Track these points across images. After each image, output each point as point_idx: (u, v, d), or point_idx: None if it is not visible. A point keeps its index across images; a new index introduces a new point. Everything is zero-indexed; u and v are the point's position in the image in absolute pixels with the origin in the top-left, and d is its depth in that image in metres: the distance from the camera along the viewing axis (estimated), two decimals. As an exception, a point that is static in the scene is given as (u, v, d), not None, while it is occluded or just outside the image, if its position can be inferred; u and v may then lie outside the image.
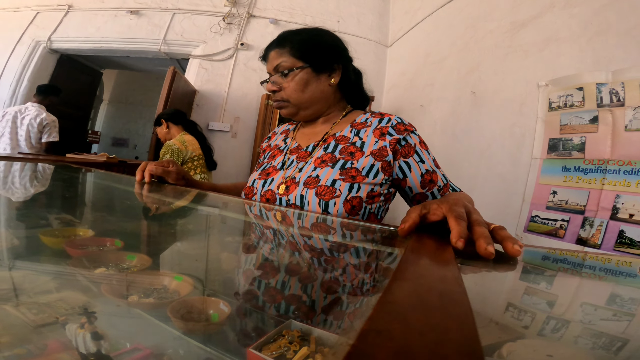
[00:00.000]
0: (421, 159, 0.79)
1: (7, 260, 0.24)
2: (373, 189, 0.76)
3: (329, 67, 0.83)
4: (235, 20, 3.85)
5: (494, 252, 0.36)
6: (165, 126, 2.34)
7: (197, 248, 0.39)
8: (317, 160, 0.79)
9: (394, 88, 3.82)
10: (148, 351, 0.17)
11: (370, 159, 0.76)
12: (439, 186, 0.80)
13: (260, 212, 0.69)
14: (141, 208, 0.66)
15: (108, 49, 3.91)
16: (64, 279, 0.23)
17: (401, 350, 0.12)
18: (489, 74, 2.24)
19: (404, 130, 0.79)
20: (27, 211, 0.45)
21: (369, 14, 4.14)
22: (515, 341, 0.20)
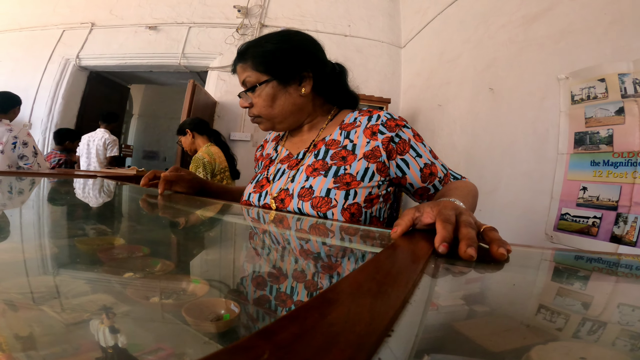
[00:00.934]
0: (418, 154, 0.76)
1: (48, 266, 0.27)
2: (370, 192, 0.73)
3: (296, 76, 0.77)
4: (249, 31, 3.94)
5: (474, 255, 0.35)
6: (191, 136, 2.36)
7: (215, 254, 0.41)
8: (309, 169, 0.76)
9: (411, 89, 3.78)
10: (170, 350, 0.19)
11: (364, 162, 0.73)
12: (439, 178, 0.78)
13: (268, 219, 0.70)
14: (166, 218, 0.69)
15: (132, 65, 4.08)
16: (97, 283, 0.24)
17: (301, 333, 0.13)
18: (506, 69, 2.19)
19: (395, 126, 0.76)
20: (66, 222, 0.48)
21: (379, 15, 4.13)
22: (547, 344, 0.19)
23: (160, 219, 0.67)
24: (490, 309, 0.27)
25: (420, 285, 0.25)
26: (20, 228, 0.41)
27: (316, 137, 0.83)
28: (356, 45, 4.05)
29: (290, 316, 0.15)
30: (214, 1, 4.00)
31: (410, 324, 0.19)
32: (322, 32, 4.03)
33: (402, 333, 0.17)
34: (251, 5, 3.95)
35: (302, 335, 0.13)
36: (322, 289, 0.28)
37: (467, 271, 0.34)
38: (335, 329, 0.14)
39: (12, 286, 0.22)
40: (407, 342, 0.17)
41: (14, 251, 0.30)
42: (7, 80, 3.79)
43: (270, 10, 4.01)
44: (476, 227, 0.41)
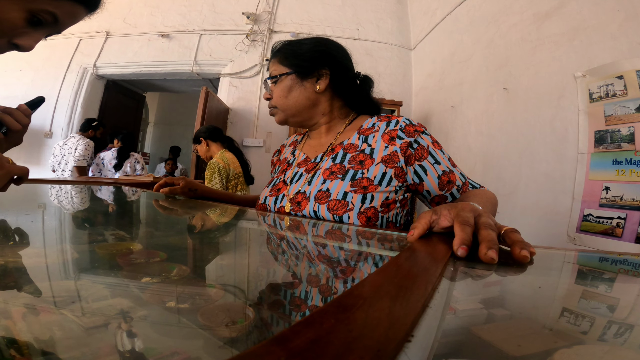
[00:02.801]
0: (436, 160, 0.76)
1: (69, 271, 0.27)
2: (388, 197, 0.72)
3: (314, 72, 0.81)
4: (258, 37, 3.99)
5: (495, 258, 0.34)
6: (205, 144, 2.42)
7: (230, 258, 0.41)
8: (326, 172, 0.77)
9: (423, 91, 3.75)
10: (185, 355, 0.19)
11: (382, 167, 0.73)
12: (457, 186, 0.76)
13: (284, 224, 0.70)
14: (183, 224, 0.70)
15: (147, 73, 4.16)
16: (116, 288, 0.25)
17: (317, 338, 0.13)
18: (520, 68, 2.15)
19: (413, 132, 0.76)
20: (86, 228, 0.50)
21: (388, 18, 4.12)
22: (571, 347, 0.19)
23: (176, 224, 0.68)
24: (511, 313, 0.26)
25: (439, 289, 0.24)
26: (43, 233, 0.43)
27: (334, 141, 0.84)
28: (365, 48, 4.05)
29: (306, 321, 0.15)
30: (223, 8, 4.06)
31: (430, 328, 0.19)
32: (330, 36, 4.04)
33: (422, 338, 0.17)
34: (260, 12, 4.00)
35: (318, 341, 0.13)
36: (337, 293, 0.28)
37: (488, 274, 0.34)
38: (353, 335, 0.14)
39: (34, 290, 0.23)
40: (426, 347, 0.17)
41: (35, 256, 0.31)
42: (27, 90, 3.91)
43: (278, 16, 4.06)
44: (496, 229, 0.40)
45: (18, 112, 0.66)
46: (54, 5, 0.52)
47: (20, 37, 0.52)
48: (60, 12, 0.53)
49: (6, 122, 0.65)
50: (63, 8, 0.53)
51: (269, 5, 4.03)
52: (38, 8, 0.50)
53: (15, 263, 0.28)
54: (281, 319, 0.23)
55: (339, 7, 4.12)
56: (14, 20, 0.50)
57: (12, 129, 0.65)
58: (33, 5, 0.50)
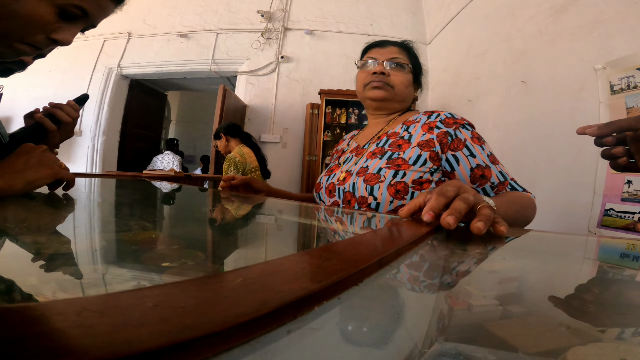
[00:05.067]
0: (471, 153, 0.77)
1: (98, 257, 0.32)
2: (422, 177, 0.78)
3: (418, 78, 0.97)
4: (273, 35, 4.02)
5: (451, 224, 0.38)
6: (225, 139, 2.52)
7: (234, 241, 0.45)
8: (369, 154, 0.87)
9: (439, 85, 3.71)
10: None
11: (417, 150, 0.80)
12: (492, 183, 0.77)
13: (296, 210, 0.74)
14: (201, 214, 0.75)
15: (167, 72, 4.28)
16: (139, 271, 0.29)
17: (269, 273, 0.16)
18: (538, 61, 2.11)
19: (453, 124, 0.80)
20: (113, 218, 0.55)
21: (402, 13, 4.07)
22: (586, 344, 0.18)
23: (193, 212, 0.73)
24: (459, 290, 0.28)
25: (406, 255, 0.27)
26: (74, 222, 0.48)
27: (381, 131, 0.93)
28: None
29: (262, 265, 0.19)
30: (238, 7, 4.12)
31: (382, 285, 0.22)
32: (344, 32, 4.04)
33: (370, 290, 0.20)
34: (274, 10, 4.03)
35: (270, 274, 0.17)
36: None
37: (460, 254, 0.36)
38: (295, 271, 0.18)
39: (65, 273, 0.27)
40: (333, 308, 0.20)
41: (68, 243, 0.36)
42: (56, 90, 4.09)
43: (292, 13, 4.07)
44: (470, 203, 0.43)
45: (67, 107, 0.73)
46: None
47: (56, 32, 0.56)
48: (88, 5, 0.56)
49: (58, 115, 0.72)
50: (90, 1, 0.55)
51: (283, 3, 4.06)
52: (65, 2, 0.53)
53: (51, 247, 0.33)
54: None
55: (352, 3, 4.10)
56: (45, 16, 0.53)
57: (64, 121, 0.72)
58: (62, 0, 0.53)
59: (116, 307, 0.12)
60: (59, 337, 0.09)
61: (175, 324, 0.10)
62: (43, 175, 0.53)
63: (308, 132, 3.70)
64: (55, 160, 0.56)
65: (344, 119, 3.74)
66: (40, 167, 0.53)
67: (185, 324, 0.11)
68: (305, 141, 3.73)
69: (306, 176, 3.65)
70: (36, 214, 0.47)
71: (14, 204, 0.48)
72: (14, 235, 0.34)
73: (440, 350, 0.17)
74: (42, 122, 0.70)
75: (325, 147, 3.68)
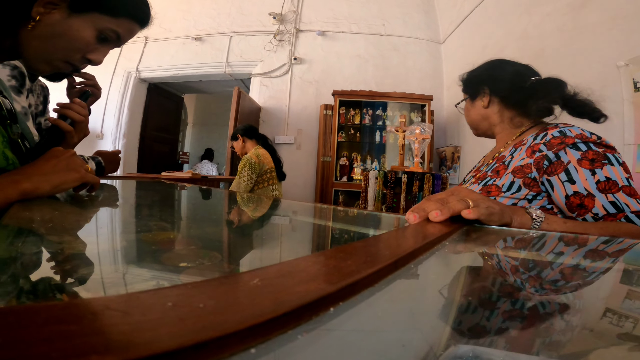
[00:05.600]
0: (570, 179, 0.69)
1: (119, 257, 0.33)
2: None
3: (479, 93, 0.95)
4: (285, 37, 4.06)
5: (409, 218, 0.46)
6: (242, 140, 2.56)
7: (251, 243, 0.46)
8: (475, 178, 0.89)
9: (454, 84, 3.64)
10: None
11: (510, 176, 0.77)
12: (594, 214, 0.67)
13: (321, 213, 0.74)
14: (218, 215, 0.76)
15: (183, 75, 4.37)
16: (158, 271, 0.30)
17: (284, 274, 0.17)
18: (557, 58, 2.06)
19: (558, 144, 0.72)
20: (134, 219, 0.57)
21: (414, 13, 4.04)
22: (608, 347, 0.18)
23: (213, 215, 0.74)
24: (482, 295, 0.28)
25: (422, 256, 0.27)
26: (96, 223, 0.50)
27: (498, 153, 0.92)
28: (393, 44, 4.00)
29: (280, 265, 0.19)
30: (250, 10, 4.16)
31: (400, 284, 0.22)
32: (356, 32, 4.04)
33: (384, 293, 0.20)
34: (285, 12, 4.06)
35: (286, 275, 0.17)
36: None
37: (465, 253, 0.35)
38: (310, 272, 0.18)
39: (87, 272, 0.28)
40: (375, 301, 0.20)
41: (92, 243, 0.37)
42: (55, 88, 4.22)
43: (304, 15, 4.10)
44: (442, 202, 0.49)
45: (76, 105, 0.76)
46: (117, 24, 0.63)
47: (92, 52, 0.64)
48: (122, 29, 0.65)
49: (70, 115, 0.75)
50: (123, 26, 0.65)
51: (294, 5, 4.09)
52: (105, 27, 0.62)
53: (75, 246, 0.34)
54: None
55: (364, 3, 4.09)
56: (87, 38, 0.61)
57: (76, 120, 0.75)
58: (101, 24, 0.62)
59: (137, 307, 0.12)
60: (85, 336, 0.09)
61: (193, 324, 0.11)
62: (70, 179, 0.55)
63: (322, 133, 3.71)
64: (81, 164, 0.58)
65: (358, 120, 3.73)
66: (67, 171, 0.55)
67: (204, 324, 0.11)
68: (320, 142, 3.74)
69: (320, 177, 3.66)
70: (61, 215, 0.48)
71: (40, 204, 0.50)
72: (40, 235, 0.36)
73: (456, 353, 0.16)
74: (58, 124, 0.72)
75: (339, 148, 3.68)
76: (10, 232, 0.36)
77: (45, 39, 0.59)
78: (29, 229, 0.38)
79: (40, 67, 0.63)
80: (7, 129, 0.60)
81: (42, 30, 0.58)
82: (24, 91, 0.88)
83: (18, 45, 0.59)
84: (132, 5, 0.66)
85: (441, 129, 3.79)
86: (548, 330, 0.21)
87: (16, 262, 0.27)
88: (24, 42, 0.59)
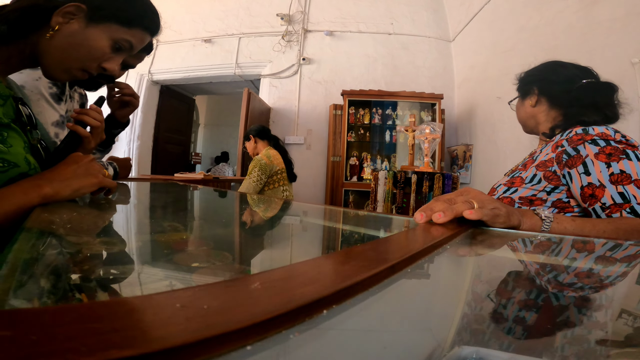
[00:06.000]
0: (586, 171, 0.73)
1: (135, 257, 0.35)
2: (535, 195, 0.81)
3: (528, 93, 1.02)
4: (294, 37, 4.07)
5: (417, 218, 0.48)
6: (254, 141, 2.59)
7: (261, 244, 0.47)
8: (511, 172, 0.96)
9: (465, 82, 3.62)
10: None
11: (534, 170, 0.84)
12: (602, 203, 0.71)
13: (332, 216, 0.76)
14: (230, 216, 0.78)
15: (194, 77, 4.42)
16: (171, 271, 0.32)
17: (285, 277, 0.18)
18: (571, 55, 2.01)
19: (578, 140, 0.78)
20: (148, 220, 0.59)
21: (422, 11, 4.01)
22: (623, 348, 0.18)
23: (221, 214, 0.76)
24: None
25: (422, 260, 0.28)
26: (112, 224, 0.52)
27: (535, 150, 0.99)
28: (401, 42, 3.98)
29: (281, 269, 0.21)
30: (258, 11, 4.18)
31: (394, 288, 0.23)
32: (364, 32, 4.03)
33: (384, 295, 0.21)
34: (293, 13, 4.08)
35: (286, 278, 0.19)
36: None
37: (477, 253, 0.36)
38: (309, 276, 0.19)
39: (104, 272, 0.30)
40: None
41: (108, 244, 0.39)
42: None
43: (311, 15, 4.10)
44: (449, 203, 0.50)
45: (92, 111, 0.79)
46: (130, 34, 0.68)
47: (107, 61, 0.67)
48: (135, 39, 0.69)
49: (86, 121, 0.78)
50: (136, 36, 0.69)
51: (301, 5, 4.10)
52: (119, 37, 0.66)
53: (92, 247, 0.37)
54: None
55: (371, 2, 4.07)
56: (103, 48, 0.65)
57: (92, 125, 0.78)
58: (116, 35, 0.66)
59: (150, 307, 0.14)
60: (106, 333, 0.11)
61: (198, 324, 0.12)
62: (88, 184, 0.58)
63: (332, 133, 3.72)
64: (100, 169, 0.61)
65: (368, 119, 3.73)
66: (86, 177, 0.58)
67: (207, 323, 0.12)
68: (329, 142, 3.75)
69: (331, 177, 3.67)
70: (79, 217, 0.51)
71: (59, 207, 0.52)
72: (61, 237, 0.38)
73: (460, 355, 0.17)
74: (76, 130, 0.75)
75: (349, 147, 3.69)
76: (34, 235, 0.39)
77: (64, 48, 0.63)
78: (50, 231, 0.41)
79: (58, 74, 0.66)
80: (27, 135, 0.63)
81: (60, 40, 0.62)
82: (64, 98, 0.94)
83: (37, 53, 0.63)
84: (145, 16, 0.70)
85: (452, 127, 3.75)
86: (550, 334, 0.22)
87: (40, 263, 0.29)
88: (42, 50, 0.62)
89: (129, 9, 0.67)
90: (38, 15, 0.60)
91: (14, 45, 0.61)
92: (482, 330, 0.22)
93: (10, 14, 0.58)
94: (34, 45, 0.62)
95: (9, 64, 0.62)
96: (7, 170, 0.53)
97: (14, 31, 0.59)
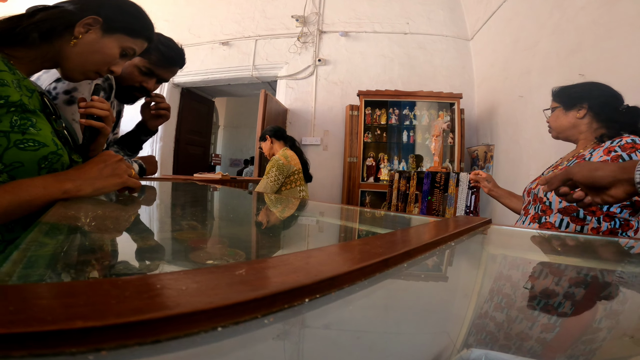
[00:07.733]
0: None
1: (153, 254, 0.36)
2: None
3: (575, 105, 1.12)
4: (309, 39, 4.09)
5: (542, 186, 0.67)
6: (270, 142, 2.62)
7: (271, 241, 0.48)
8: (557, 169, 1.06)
9: (485, 81, 3.53)
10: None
11: None
12: None
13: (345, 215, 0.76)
14: (246, 215, 0.80)
15: (213, 79, 4.51)
16: (187, 267, 0.33)
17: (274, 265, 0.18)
18: (596, 53, 1.95)
19: (629, 148, 0.89)
20: (167, 218, 0.61)
21: (439, 10, 3.94)
22: None
23: (237, 213, 0.78)
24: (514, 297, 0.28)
25: (416, 258, 0.28)
26: (132, 221, 0.54)
27: (577, 153, 1.10)
28: (418, 42, 3.92)
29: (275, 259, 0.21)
30: (273, 13, 4.23)
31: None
32: (380, 32, 4.00)
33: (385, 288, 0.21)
34: (308, 14, 4.10)
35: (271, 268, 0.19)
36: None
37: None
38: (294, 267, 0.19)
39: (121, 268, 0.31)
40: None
41: (127, 241, 0.41)
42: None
43: (326, 16, 4.11)
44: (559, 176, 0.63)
45: (97, 102, 0.82)
46: (135, 43, 0.80)
47: (115, 65, 0.79)
48: (138, 47, 0.82)
49: (94, 112, 0.81)
50: (139, 44, 0.82)
51: (316, 6, 4.11)
52: (127, 46, 0.79)
53: (111, 244, 0.38)
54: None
55: (386, 2, 4.04)
56: (114, 55, 0.77)
57: (101, 115, 0.81)
58: (124, 44, 0.78)
59: (131, 287, 0.14)
60: (75, 307, 0.11)
61: (168, 302, 0.13)
62: (111, 183, 0.62)
63: (348, 133, 3.71)
64: (126, 170, 0.65)
65: (384, 120, 3.70)
66: (111, 177, 0.62)
67: (179, 302, 0.13)
68: (346, 143, 3.75)
69: (347, 178, 3.66)
70: (103, 213, 0.53)
71: (84, 202, 0.55)
72: (83, 233, 0.40)
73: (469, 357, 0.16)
74: (91, 124, 0.79)
75: (365, 148, 3.67)
76: (52, 228, 0.41)
77: (83, 54, 0.72)
78: (73, 226, 0.43)
79: (75, 76, 0.75)
80: (53, 123, 0.67)
81: (81, 47, 0.71)
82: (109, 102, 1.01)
83: (59, 57, 0.71)
84: (147, 28, 0.83)
85: (472, 127, 3.67)
86: (565, 339, 0.21)
87: (46, 251, 0.30)
88: (65, 55, 0.71)
89: (135, 22, 0.79)
90: (64, 25, 0.68)
91: (39, 49, 0.67)
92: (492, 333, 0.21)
93: (41, 23, 0.65)
94: (57, 50, 0.70)
95: (34, 64, 0.69)
96: (39, 149, 0.58)
97: (42, 37, 0.66)
